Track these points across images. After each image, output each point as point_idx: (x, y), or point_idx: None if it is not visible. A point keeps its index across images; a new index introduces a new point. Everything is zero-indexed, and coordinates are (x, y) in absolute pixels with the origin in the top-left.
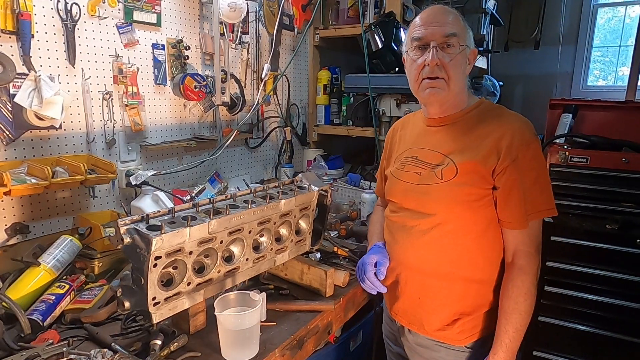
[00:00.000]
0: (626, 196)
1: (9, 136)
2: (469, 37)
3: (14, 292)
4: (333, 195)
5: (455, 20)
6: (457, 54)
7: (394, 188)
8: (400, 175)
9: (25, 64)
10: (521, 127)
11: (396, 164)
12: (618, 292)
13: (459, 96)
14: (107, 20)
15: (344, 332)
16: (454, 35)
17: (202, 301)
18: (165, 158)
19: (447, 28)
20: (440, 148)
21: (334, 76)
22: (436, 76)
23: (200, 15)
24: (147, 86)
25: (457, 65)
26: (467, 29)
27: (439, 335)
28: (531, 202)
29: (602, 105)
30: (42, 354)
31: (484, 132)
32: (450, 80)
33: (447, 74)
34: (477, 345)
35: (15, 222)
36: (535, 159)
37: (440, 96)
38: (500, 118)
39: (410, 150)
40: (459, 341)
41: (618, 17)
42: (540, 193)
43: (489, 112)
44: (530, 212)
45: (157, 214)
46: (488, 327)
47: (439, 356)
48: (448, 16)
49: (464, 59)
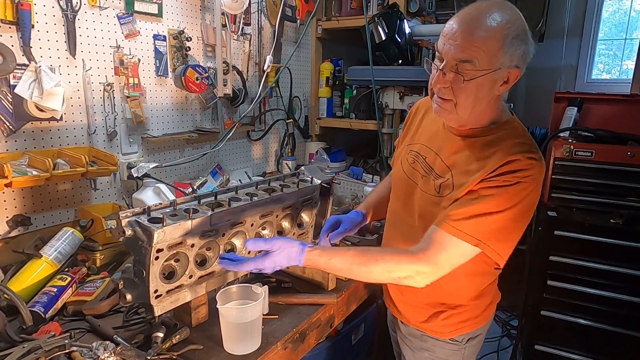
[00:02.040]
0: (631, 190)
1: (10, 127)
2: (502, 58)
3: (16, 284)
4: (335, 188)
5: (482, 40)
6: (470, 81)
7: (398, 179)
8: (408, 170)
9: (25, 54)
10: (522, 162)
11: (407, 152)
12: (622, 287)
13: (476, 117)
14: (108, 11)
15: (346, 325)
16: (467, 62)
17: (204, 294)
18: (167, 150)
19: (463, 52)
20: (449, 160)
21: (336, 68)
22: (442, 97)
23: (202, 6)
24: (149, 78)
25: (468, 92)
26: (502, 49)
27: (424, 327)
28: (477, 229)
29: (607, 99)
30: (44, 346)
31: (490, 155)
32: (459, 107)
33: (456, 99)
34: (462, 339)
35: (16, 214)
36: (513, 198)
37: (447, 117)
38: (513, 147)
39: (422, 147)
40: (443, 334)
41: (623, 9)
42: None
43: (508, 135)
44: (466, 232)
45: (158, 207)
46: (473, 323)
47: (426, 346)
48: (475, 33)
49: (485, 84)
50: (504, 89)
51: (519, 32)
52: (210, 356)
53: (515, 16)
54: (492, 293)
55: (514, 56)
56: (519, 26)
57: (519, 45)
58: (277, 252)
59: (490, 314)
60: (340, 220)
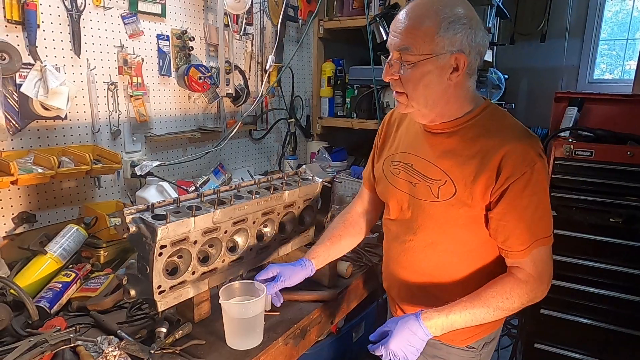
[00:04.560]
0: (631, 190)
1: (16, 126)
2: (440, 43)
3: (21, 280)
4: (336, 187)
5: (417, 26)
6: (413, 69)
7: (388, 194)
8: (394, 182)
9: (31, 54)
10: (525, 146)
11: (389, 165)
12: (621, 286)
13: (440, 109)
14: (112, 11)
15: (347, 323)
16: (406, 50)
17: (207, 290)
18: (170, 149)
19: (401, 40)
20: (438, 161)
21: (338, 68)
22: (396, 91)
23: (204, 6)
24: (152, 77)
25: (415, 80)
26: (438, 33)
27: (439, 336)
28: (533, 231)
29: (608, 99)
30: (49, 340)
31: (485, 148)
32: (411, 98)
33: (405, 90)
34: (479, 345)
35: (22, 211)
36: (538, 183)
37: (411, 114)
38: (504, 132)
39: (404, 155)
40: (459, 341)
41: (626, 10)
42: (540, 219)
43: (492, 123)
44: (531, 241)
45: (162, 204)
46: (490, 326)
47: (440, 354)
48: (411, 20)
49: (431, 71)
50: (457, 77)
51: (458, 17)
52: (212, 351)
53: (457, 3)
54: None
55: (454, 40)
56: (458, 12)
57: (459, 30)
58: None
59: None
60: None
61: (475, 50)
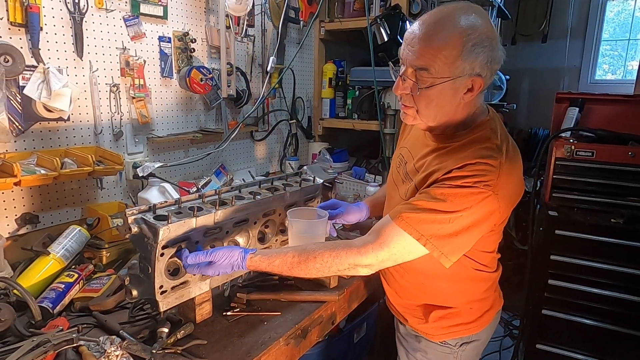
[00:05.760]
0: (632, 190)
1: (19, 127)
2: (461, 66)
3: (25, 280)
4: (338, 188)
5: (439, 48)
6: (428, 89)
7: (388, 182)
8: (394, 174)
9: (34, 56)
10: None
11: (397, 157)
12: (623, 286)
13: (445, 121)
14: (114, 13)
15: (348, 323)
16: (424, 70)
17: (208, 290)
18: (172, 150)
19: (419, 59)
20: (418, 165)
21: (339, 69)
22: (405, 104)
23: (206, 8)
24: (154, 79)
25: (428, 99)
26: (460, 57)
27: (419, 328)
28: (424, 222)
29: (609, 99)
30: (52, 339)
31: (449, 160)
32: (421, 114)
33: (417, 106)
34: (456, 343)
35: (25, 212)
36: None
37: (415, 123)
38: (476, 152)
39: (406, 151)
40: (434, 336)
41: (628, 10)
42: (431, 219)
43: (476, 143)
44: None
45: (164, 205)
46: (466, 328)
47: (420, 347)
48: (432, 40)
49: (446, 92)
50: (469, 97)
51: (481, 39)
52: (214, 351)
53: (479, 22)
54: (491, 300)
55: (475, 64)
56: (481, 33)
57: (480, 53)
58: (219, 262)
59: (487, 320)
60: (339, 204)
61: (491, 71)
